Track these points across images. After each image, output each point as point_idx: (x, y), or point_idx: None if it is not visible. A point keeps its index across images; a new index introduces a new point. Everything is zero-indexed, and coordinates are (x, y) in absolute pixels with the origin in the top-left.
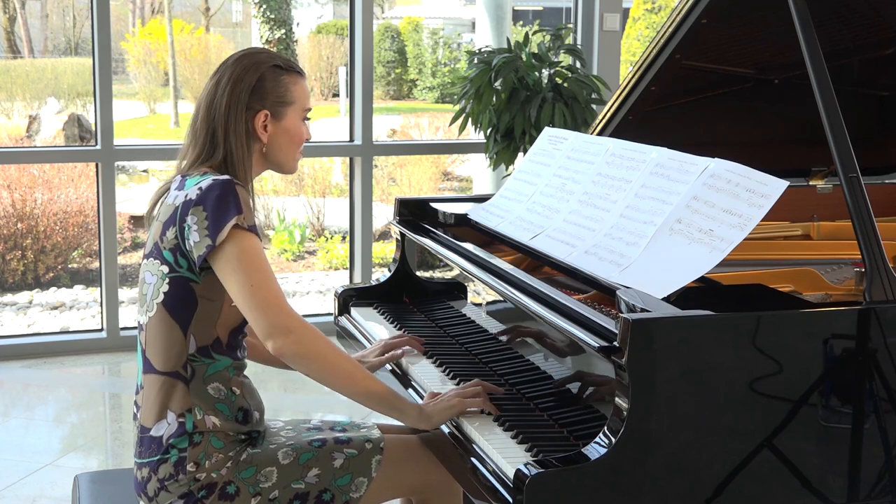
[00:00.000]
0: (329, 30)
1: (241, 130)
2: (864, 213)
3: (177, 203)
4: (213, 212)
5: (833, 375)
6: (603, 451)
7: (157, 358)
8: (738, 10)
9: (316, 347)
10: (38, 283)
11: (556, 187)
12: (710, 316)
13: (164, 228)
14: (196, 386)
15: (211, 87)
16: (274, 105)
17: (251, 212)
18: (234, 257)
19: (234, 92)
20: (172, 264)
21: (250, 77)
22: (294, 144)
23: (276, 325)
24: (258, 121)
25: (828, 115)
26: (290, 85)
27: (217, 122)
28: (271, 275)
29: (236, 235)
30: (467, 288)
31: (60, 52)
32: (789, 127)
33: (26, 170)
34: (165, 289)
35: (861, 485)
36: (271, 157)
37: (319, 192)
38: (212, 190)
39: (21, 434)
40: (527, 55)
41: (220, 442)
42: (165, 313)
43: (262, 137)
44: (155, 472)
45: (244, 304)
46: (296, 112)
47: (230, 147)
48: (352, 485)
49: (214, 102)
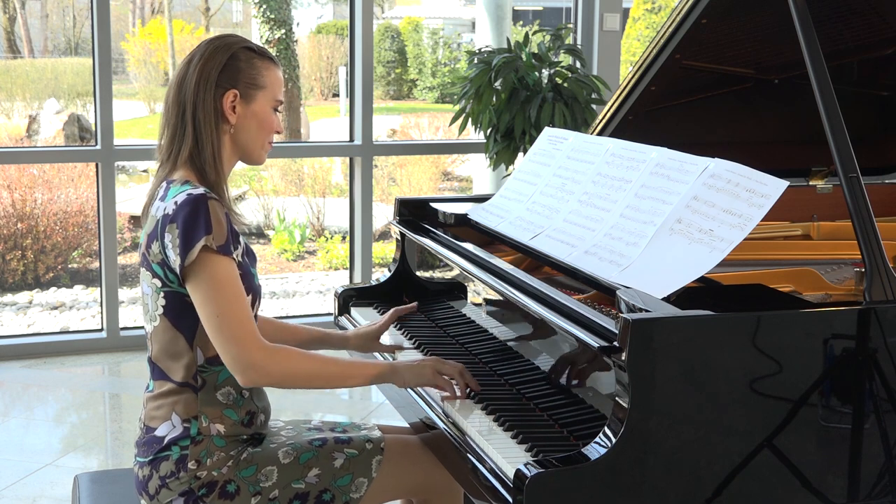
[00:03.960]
0: (329, 30)
1: (209, 108)
2: (864, 213)
3: (157, 216)
4: (184, 231)
5: (833, 375)
6: (603, 451)
7: (169, 368)
8: (738, 10)
9: (282, 371)
10: (38, 283)
11: (556, 187)
12: (710, 316)
13: (149, 241)
14: (206, 394)
15: (182, 66)
16: (244, 86)
17: (222, 228)
18: (203, 283)
19: (205, 70)
20: (163, 279)
21: (221, 56)
22: (263, 131)
23: (241, 361)
24: (227, 100)
25: (828, 115)
26: (262, 69)
27: (186, 99)
28: (239, 301)
29: (205, 259)
30: (467, 288)
31: (60, 52)
32: (789, 127)
33: (26, 170)
34: (163, 302)
35: (861, 485)
36: (239, 143)
37: (319, 192)
38: (184, 206)
39: (21, 434)
40: (527, 55)
41: (222, 441)
42: (169, 324)
43: (230, 118)
44: (156, 469)
45: (211, 333)
46: (266, 98)
47: (198, 124)
48: (352, 485)
49: (185, 80)
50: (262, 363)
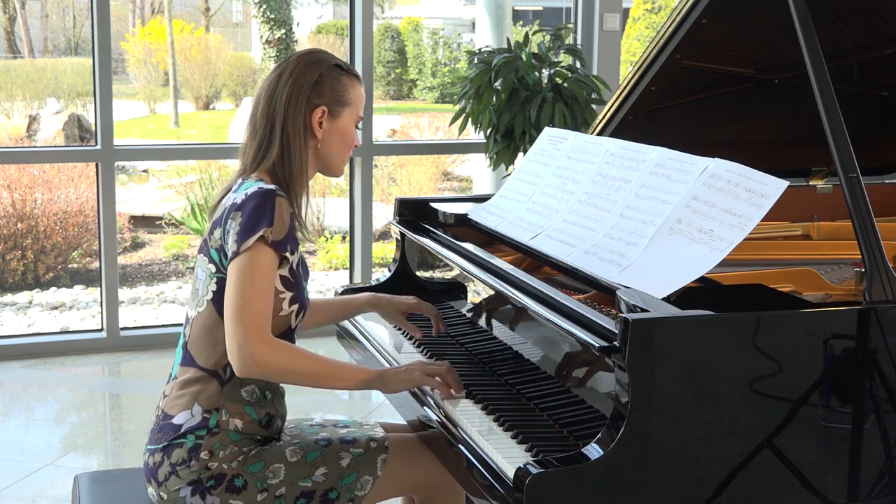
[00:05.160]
0: (329, 30)
1: (299, 123)
2: (864, 213)
3: (226, 205)
4: (247, 220)
5: (833, 375)
6: (603, 451)
7: (201, 353)
8: (738, 10)
9: (277, 367)
10: (38, 283)
11: (556, 187)
12: (710, 316)
13: (213, 227)
14: (231, 388)
15: (273, 80)
16: (332, 102)
17: (284, 225)
18: (243, 266)
19: (296, 85)
20: (218, 264)
21: (312, 72)
22: (345, 146)
23: (244, 348)
24: (315, 116)
25: (828, 115)
26: (348, 86)
27: (276, 113)
28: (266, 295)
29: (257, 248)
30: (467, 288)
31: (60, 52)
32: (789, 127)
33: (26, 170)
34: (214, 287)
35: (861, 485)
36: (323, 156)
37: (319, 192)
38: (253, 198)
39: (21, 434)
40: (527, 55)
41: (238, 436)
42: (214, 311)
43: (318, 133)
44: (168, 456)
45: (228, 313)
46: (351, 115)
47: (287, 139)
48: (357, 483)
49: (276, 94)
50: (262, 355)
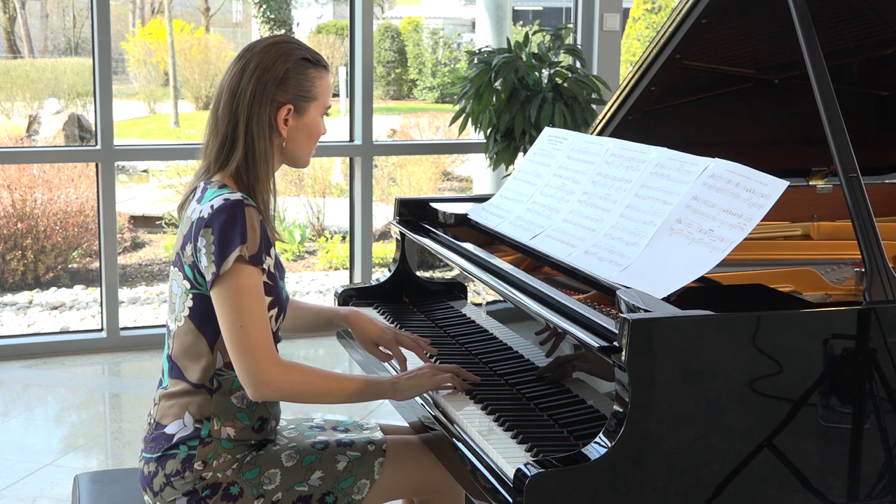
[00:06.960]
0: (329, 30)
1: (263, 122)
2: (864, 213)
3: (193, 218)
4: (220, 238)
5: (833, 375)
6: (603, 451)
7: (187, 368)
8: (738, 10)
9: (293, 389)
10: (38, 283)
11: (556, 187)
12: (710, 316)
13: (183, 242)
14: (220, 397)
15: (236, 73)
16: (298, 99)
17: (256, 236)
18: (231, 293)
19: (261, 82)
20: (192, 281)
21: (278, 68)
22: (312, 140)
23: (256, 376)
24: (281, 115)
25: (828, 115)
26: (315, 80)
27: (240, 111)
28: (262, 315)
29: (236, 269)
30: (467, 288)
31: (60, 52)
32: (789, 127)
33: (26, 170)
34: (190, 304)
35: (861, 485)
36: (289, 152)
37: (319, 192)
38: (221, 212)
39: (21, 434)
40: (527, 55)
41: (230, 444)
42: (193, 326)
43: (283, 132)
44: (162, 467)
45: (231, 343)
46: (317, 108)
47: (251, 139)
48: (354, 487)
49: (239, 90)
50: (276, 380)
